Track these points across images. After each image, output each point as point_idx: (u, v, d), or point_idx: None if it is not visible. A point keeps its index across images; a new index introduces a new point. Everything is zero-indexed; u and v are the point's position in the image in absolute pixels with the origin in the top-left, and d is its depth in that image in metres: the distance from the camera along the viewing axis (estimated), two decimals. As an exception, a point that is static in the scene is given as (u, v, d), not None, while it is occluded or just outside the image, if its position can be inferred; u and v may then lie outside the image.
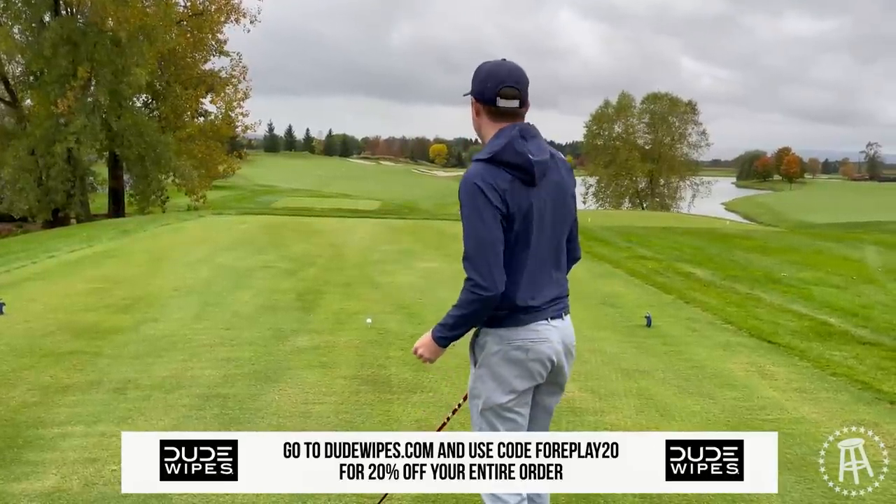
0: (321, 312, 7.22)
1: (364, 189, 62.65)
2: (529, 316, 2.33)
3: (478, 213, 2.23)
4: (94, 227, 18.06)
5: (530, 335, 2.33)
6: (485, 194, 2.22)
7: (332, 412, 4.39)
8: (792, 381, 5.40)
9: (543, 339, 2.34)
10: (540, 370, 2.36)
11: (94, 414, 4.27)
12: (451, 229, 17.07)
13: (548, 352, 2.35)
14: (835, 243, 18.99)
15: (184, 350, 5.69)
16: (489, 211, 2.22)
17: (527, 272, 2.32)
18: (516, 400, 2.38)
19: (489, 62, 2.37)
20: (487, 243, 2.23)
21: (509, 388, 2.35)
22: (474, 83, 2.36)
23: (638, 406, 4.71)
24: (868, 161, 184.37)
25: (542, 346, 2.34)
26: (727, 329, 7.15)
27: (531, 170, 2.25)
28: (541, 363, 2.35)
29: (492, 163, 2.26)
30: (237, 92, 33.94)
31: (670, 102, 67.63)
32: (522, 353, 2.32)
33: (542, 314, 2.35)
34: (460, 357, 5.60)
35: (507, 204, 2.23)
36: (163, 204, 30.72)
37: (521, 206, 2.26)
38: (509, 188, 2.24)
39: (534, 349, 2.33)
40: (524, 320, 2.32)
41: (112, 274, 9.32)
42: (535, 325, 2.33)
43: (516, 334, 2.32)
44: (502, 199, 2.23)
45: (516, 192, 2.25)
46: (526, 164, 2.24)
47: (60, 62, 26.28)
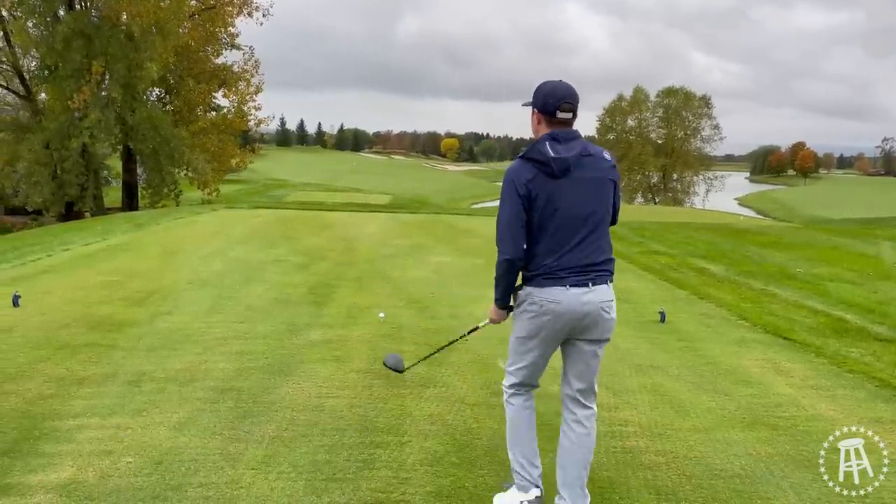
0: (334, 307, 7.23)
1: (375, 183, 62.71)
2: (549, 281, 2.93)
3: (506, 198, 2.93)
4: (109, 220, 18.18)
5: (545, 296, 2.94)
6: (514, 185, 2.92)
7: (345, 406, 4.39)
8: (808, 377, 5.35)
9: (555, 302, 2.92)
10: (547, 323, 2.96)
11: (110, 406, 4.29)
12: (462, 224, 17.06)
13: (556, 310, 2.93)
14: (850, 239, 18.81)
15: (198, 343, 5.71)
16: (515, 198, 2.91)
17: (549, 246, 2.93)
18: (531, 341, 3.05)
19: (550, 82, 3.00)
20: (504, 223, 2.94)
21: (524, 331, 3.05)
22: (537, 97, 2.99)
23: (652, 402, 4.68)
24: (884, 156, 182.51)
25: (553, 307, 2.93)
26: (742, 325, 7.09)
27: (550, 165, 2.89)
28: (550, 319, 2.95)
29: (523, 159, 2.96)
30: (250, 86, 33.99)
31: (685, 97, 67.07)
32: (536, 308, 2.97)
33: (561, 281, 2.92)
34: (471, 353, 5.61)
35: (529, 192, 2.90)
36: (176, 198, 30.85)
37: (544, 193, 2.89)
38: (533, 179, 2.91)
39: (546, 307, 2.94)
40: (544, 283, 2.94)
41: (126, 267, 9.38)
42: (552, 289, 2.93)
43: (537, 294, 2.95)
44: (526, 189, 2.90)
45: (540, 183, 2.90)
46: (546, 160, 2.89)
47: (74, 56, 26.39)
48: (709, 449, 3.94)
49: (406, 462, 3.64)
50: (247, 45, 33.48)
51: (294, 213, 18.42)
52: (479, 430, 4.12)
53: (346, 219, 17.39)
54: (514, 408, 3.22)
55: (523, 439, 3.18)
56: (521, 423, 3.20)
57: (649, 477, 3.58)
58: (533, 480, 3.14)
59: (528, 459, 3.15)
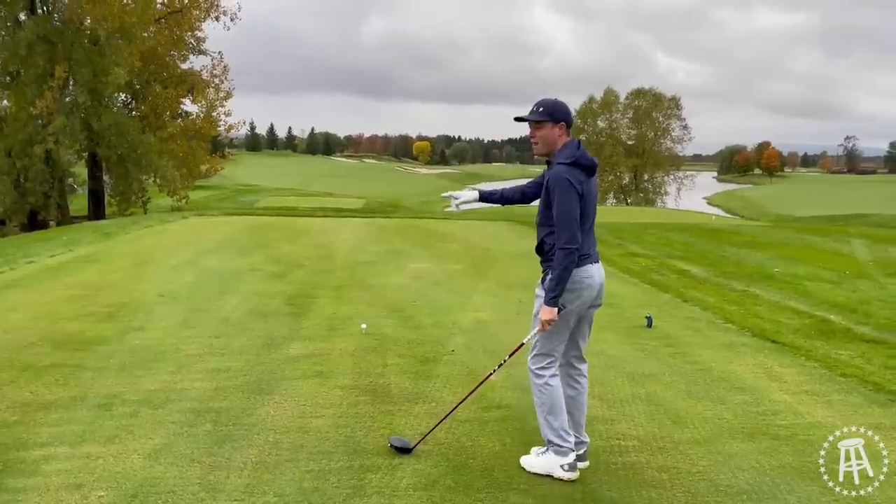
0: (313, 317, 7.00)
1: (348, 187, 62.21)
2: (584, 260, 3.53)
3: (568, 199, 3.43)
4: (75, 229, 17.64)
5: (584, 274, 3.53)
6: (573, 186, 3.44)
7: (330, 426, 4.18)
8: (801, 382, 5.26)
9: (591, 276, 3.56)
10: (586, 295, 3.55)
11: (79, 433, 4.02)
12: (439, 228, 16.87)
13: (592, 283, 3.56)
14: (822, 237, 19.02)
15: (172, 361, 5.44)
16: (575, 197, 3.44)
17: (586, 233, 3.55)
18: (571, 317, 3.58)
19: (559, 99, 3.60)
20: (572, 217, 3.43)
21: (569, 306, 3.53)
22: (561, 113, 3.57)
23: (648, 413, 4.55)
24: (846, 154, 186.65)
25: (588, 281, 3.55)
26: (729, 329, 7.02)
27: (594, 168, 3.56)
28: (587, 290, 3.55)
29: (574, 165, 3.49)
30: (219, 91, 33.44)
31: (654, 98, 67.73)
32: (579, 284, 3.51)
33: (590, 259, 3.58)
34: (459, 365, 5.44)
35: (583, 191, 3.47)
36: (144, 205, 30.20)
37: (587, 192, 3.51)
38: (584, 181, 3.50)
39: (585, 281, 3.53)
40: (581, 263, 3.51)
41: (94, 279, 9.02)
42: (588, 267, 3.56)
43: (577, 273, 3.50)
44: (581, 189, 3.47)
45: (585, 184, 3.50)
46: (591, 165, 3.56)
47: (37, 61, 25.69)
48: (711, 463, 3.81)
49: (399, 487, 3.44)
50: (215, 51, 32.95)
51: (267, 220, 18.07)
52: (473, 448, 3.94)
53: (321, 224, 17.09)
54: (553, 388, 3.61)
55: (563, 412, 3.62)
56: (560, 397, 3.62)
57: (654, 496, 3.43)
58: (571, 447, 3.60)
59: (566, 430, 3.61)
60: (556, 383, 3.61)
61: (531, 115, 3.57)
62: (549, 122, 3.54)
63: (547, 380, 3.60)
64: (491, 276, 9.71)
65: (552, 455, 3.61)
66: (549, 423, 3.60)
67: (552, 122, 3.54)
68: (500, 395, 4.82)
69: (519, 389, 4.90)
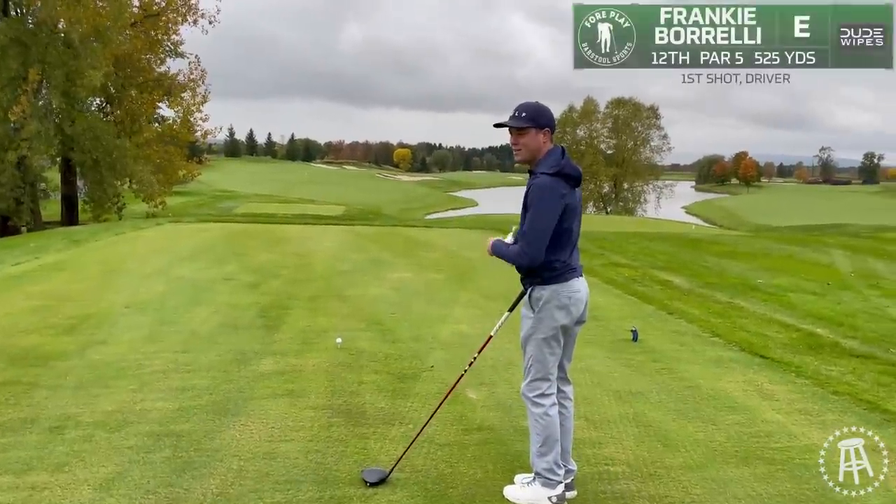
0: (286, 331, 6.70)
1: (328, 194, 61.77)
2: (570, 274, 3.36)
3: (546, 210, 3.22)
4: (44, 236, 17.15)
5: (570, 289, 3.35)
6: (556, 199, 3.23)
7: (300, 451, 3.90)
8: (793, 401, 5.07)
9: (577, 291, 3.38)
10: (574, 311, 3.37)
11: (25, 460, 3.71)
12: (420, 236, 16.64)
13: (579, 298, 3.38)
14: (802, 247, 19.05)
15: (133, 378, 5.12)
16: (556, 211, 3.23)
17: (571, 247, 3.37)
18: (560, 335, 3.38)
19: (542, 104, 3.38)
20: (545, 231, 3.23)
21: (558, 324, 3.34)
22: (545, 118, 3.35)
23: (637, 435, 4.32)
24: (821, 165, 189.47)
25: (576, 296, 3.37)
26: (716, 343, 6.84)
27: (579, 179, 3.37)
28: (575, 306, 3.37)
29: (558, 175, 3.26)
30: (196, 96, 32.91)
31: (634, 107, 68.13)
32: (566, 300, 3.34)
33: (576, 273, 3.39)
34: (438, 382, 5.18)
35: (566, 203, 3.26)
36: (119, 211, 29.59)
37: (571, 204, 3.30)
38: (567, 193, 3.27)
39: (573, 297, 3.36)
40: (568, 278, 3.35)
41: (59, 289, 8.65)
42: (574, 282, 3.37)
43: (564, 288, 3.33)
44: (564, 201, 3.25)
45: (569, 195, 3.29)
46: (577, 175, 3.35)
47: (10, 64, 25.10)
48: (705, 491, 3.59)
49: (372, 521, 3.18)
50: (191, 54, 32.42)
51: (244, 227, 17.71)
52: (453, 476, 3.68)
53: (300, 232, 16.76)
54: (552, 418, 3.38)
55: (558, 444, 3.41)
56: (557, 429, 3.41)
57: (646, 529, 3.20)
58: (560, 478, 3.41)
59: (559, 463, 3.42)
60: (555, 413, 3.39)
61: (513, 121, 3.33)
62: (533, 129, 3.31)
63: (547, 409, 3.37)
64: (472, 287, 9.47)
65: (539, 486, 3.40)
66: (542, 454, 3.39)
67: (536, 128, 3.31)
68: (482, 415, 4.58)
69: (501, 410, 4.66)
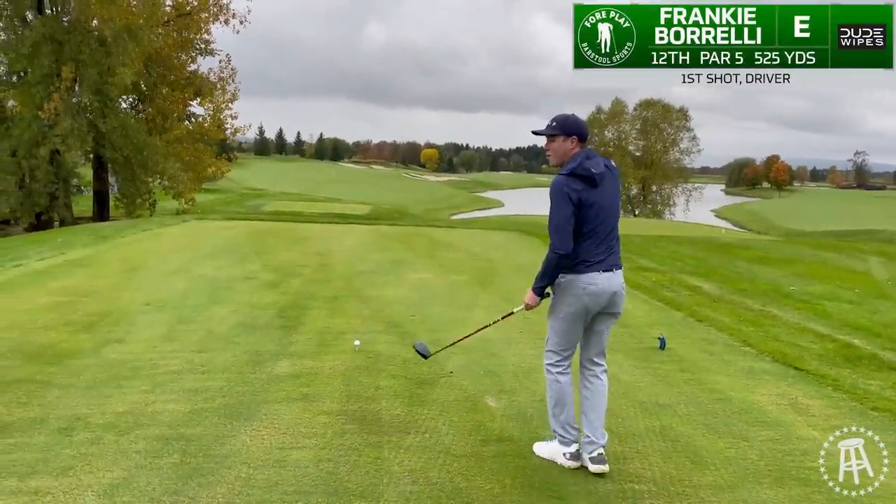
0: (304, 332, 6.58)
1: (355, 192, 61.97)
2: (588, 267, 3.71)
3: (560, 206, 3.67)
4: (71, 232, 17.32)
5: (586, 280, 3.71)
6: (567, 195, 3.66)
7: (311, 460, 3.76)
8: (830, 416, 4.82)
9: (593, 283, 3.71)
10: (588, 301, 3.73)
11: (31, 463, 3.62)
12: (443, 237, 16.48)
13: (594, 290, 3.71)
14: (836, 254, 18.54)
15: (147, 378, 5.04)
16: (568, 205, 3.65)
17: (589, 242, 3.71)
18: (574, 318, 3.79)
19: (573, 115, 3.88)
20: (560, 225, 3.66)
21: (571, 309, 3.77)
22: (573, 127, 3.81)
23: (664, 451, 4.11)
24: (855, 169, 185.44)
25: (592, 288, 3.71)
26: (747, 353, 6.57)
27: (594, 179, 3.71)
28: (590, 297, 3.72)
29: (571, 175, 3.70)
30: (225, 94, 33.15)
31: (663, 109, 67.23)
32: (580, 290, 3.72)
33: (596, 267, 3.71)
34: (457, 390, 5.02)
35: (580, 199, 3.66)
36: (151, 207, 29.92)
37: (586, 200, 3.67)
38: (581, 189, 3.68)
39: (587, 288, 3.71)
40: (585, 270, 3.71)
41: (80, 285, 8.65)
42: (591, 274, 3.71)
43: (579, 279, 3.71)
44: (578, 197, 3.66)
45: (585, 192, 3.68)
46: (588, 175, 3.70)
47: (43, 62, 25.49)
48: (737, 513, 3.38)
49: (382, 538, 3.03)
50: (221, 51, 32.66)
51: (268, 226, 17.71)
52: (469, 490, 3.51)
53: (323, 231, 16.71)
54: (561, 384, 3.86)
55: (568, 407, 3.86)
56: (567, 394, 3.86)
57: (673, 555, 3.00)
58: (573, 438, 3.85)
59: (570, 423, 3.86)
60: (565, 380, 3.86)
61: (545, 130, 3.86)
62: (561, 136, 3.81)
63: (556, 377, 3.87)
64: (493, 289, 9.29)
65: (556, 444, 3.91)
66: (554, 415, 3.89)
67: (564, 136, 3.81)
68: (501, 425, 4.40)
69: (522, 420, 4.48)
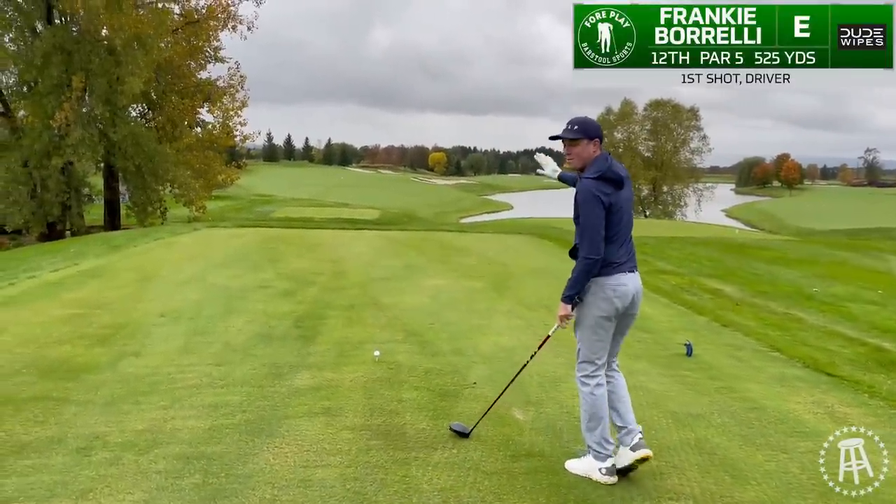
0: (322, 342, 6.47)
1: (364, 197, 61.96)
2: (615, 269, 3.70)
3: (592, 210, 3.61)
4: (83, 241, 17.31)
5: (615, 282, 3.69)
6: (599, 199, 3.61)
7: (337, 478, 3.64)
8: (870, 426, 4.63)
9: (622, 284, 3.70)
10: (618, 303, 3.70)
11: (49, 485, 3.51)
12: (455, 242, 16.34)
13: (625, 291, 3.71)
14: (854, 253, 18.31)
15: (166, 394, 4.93)
16: (600, 209, 3.61)
17: (616, 243, 3.69)
18: (607, 322, 3.73)
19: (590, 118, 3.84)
20: (594, 229, 3.61)
21: (603, 313, 3.71)
22: (595, 130, 3.76)
23: (701, 464, 3.96)
24: (867, 167, 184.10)
25: (621, 289, 3.70)
26: (777, 358, 6.41)
27: (621, 181, 3.71)
28: (619, 299, 3.70)
29: (601, 179, 3.65)
30: (234, 101, 33.21)
31: (673, 109, 66.86)
32: (611, 292, 3.69)
33: (622, 268, 3.72)
34: (483, 401, 4.87)
35: (610, 203, 3.63)
36: (162, 215, 29.98)
37: (615, 204, 3.65)
38: (611, 193, 3.65)
39: (617, 290, 3.69)
40: (613, 272, 3.69)
41: (94, 297, 8.57)
42: (620, 276, 3.71)
43: (607, 281, 3.68)
44: (608, 200, 3.62)
45: (612, 195, 3.65)
46: (618, 178, 3.70)
47: (53, 72, 25.59)
48: (784, 532, 3.23)
49: (416, 563, 2.90)
50: (230, 59, 32.74)
51: (279, 232, 17.63)
52: (502, 510, 3.37)
53: (335, 237, 16.61)
54: (597, 397, 3.73)
55: (604, 421, 3.74)
56: (602, 407, 3.74)
57: (723, 579, 2.85)
58: (608, 453, 3.73)
59: (606, 438, 3.73)
60: (601, 393, 3.74)
61: (567, 133, 3.76)
62: (584, 139, 3.74)
63: (592, 389, 3.75)
64: (511, 296, 9.15)
65: (591, 459, 3.78)
66: (590, 429, 3.76)
67: (587, 139, 3.75)
68: (531, 439, 4.26)
69: (551, 433, 4.34)
